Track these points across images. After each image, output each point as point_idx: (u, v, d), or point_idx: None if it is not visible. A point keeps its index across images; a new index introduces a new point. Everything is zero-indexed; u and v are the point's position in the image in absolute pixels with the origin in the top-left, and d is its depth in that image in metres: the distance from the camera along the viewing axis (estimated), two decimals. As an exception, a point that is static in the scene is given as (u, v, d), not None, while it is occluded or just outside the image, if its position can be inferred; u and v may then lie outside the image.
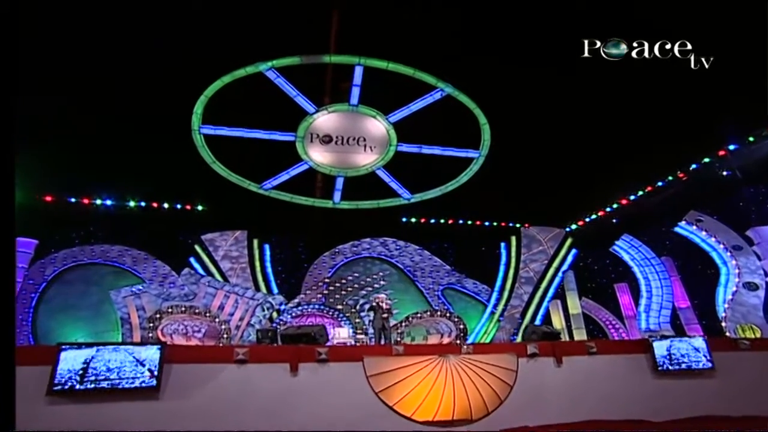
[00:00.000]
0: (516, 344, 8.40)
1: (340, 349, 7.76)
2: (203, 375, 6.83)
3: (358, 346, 8.14)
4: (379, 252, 22.95)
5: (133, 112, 14.94)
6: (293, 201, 18.71)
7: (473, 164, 18.22)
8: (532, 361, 7.96)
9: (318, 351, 7.35)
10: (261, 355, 7.26)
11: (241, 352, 7.09)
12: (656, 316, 17.47)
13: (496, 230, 23.42)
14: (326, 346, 7.64)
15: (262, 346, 7.76)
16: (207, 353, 7.17)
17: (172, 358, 6.80)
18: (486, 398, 7.44)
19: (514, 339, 21.90)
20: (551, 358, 7.99)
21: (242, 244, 21.43)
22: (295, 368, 7.18)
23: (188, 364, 6.88)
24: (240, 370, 7.03)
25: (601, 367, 8.03)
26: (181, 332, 17.64)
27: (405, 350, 7.67)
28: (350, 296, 20.98)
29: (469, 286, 23.32)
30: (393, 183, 18.86)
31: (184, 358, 6.91)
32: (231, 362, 7.07)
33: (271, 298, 18.87)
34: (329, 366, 7.35)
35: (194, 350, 7.34)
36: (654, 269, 17.69)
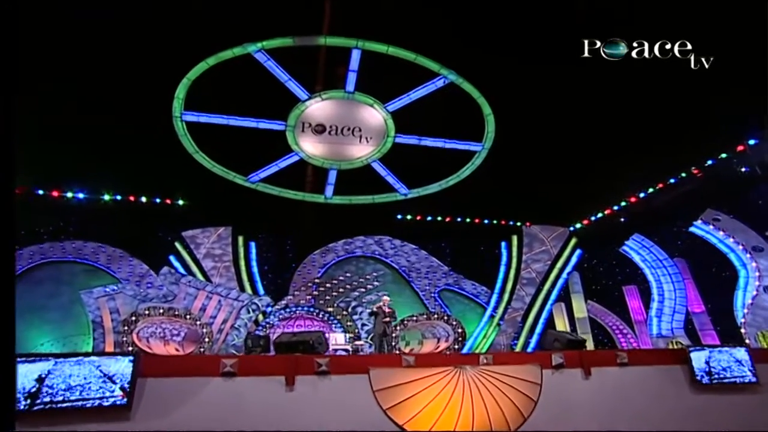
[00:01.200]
0: (539, 354, 7.76)
1: (342, 360, 7.04)
2: (184, 391, 6.08)
3: (362, 355, 7.43)
4: (373, 251, 22.37)
5: (108, 96, 14.07)
6: (282, 195, 18.25)
7: (475, 158, 17.72)
8: (558, 372, 7.38)
9: (317, 362, 6.63)
10: (252, 366, 6.53)
11: (229, 364, 6.33)
12: (669, 321, 17.13)
13: (496, 229, 23.06)
14: (326, 356, 6.92)
15: (253, 356, 7.02)
16: (188, 365, 6.39)
17: (147, 371, 6.00)
18: (508, 416, 6.83)
19: (514, 344, 21.52)
20: (578, 369, 7.39)
21: (226, 241, 20.76)
22: (291, 382, 6.50)
23: (166, 378, 6.12)
24: (227, 385, 6.32)
25: (634, 379, 7.45)
26: (158, 336, 16.89)
27: (416, 361, 6.96)
28: (341, 298, 20.39)
29: (468, 288, 22.91)
30: (389, 177, 18.34)
31: (162, 370, 6.12)
32: (216, 375, 6.34)
33: (257, 300, 18.34)
34: (330, 379, 6.66)
35: (173, 361, 6.55)
36: (666, 271, 17.30)
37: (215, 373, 6.33)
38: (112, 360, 5.71)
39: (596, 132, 16.15)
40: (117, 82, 13.51)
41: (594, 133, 16.24)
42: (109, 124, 15.02)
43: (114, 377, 5.47)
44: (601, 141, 16.34)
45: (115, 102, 14.17)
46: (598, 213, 20.93)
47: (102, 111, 14.59)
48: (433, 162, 17.56)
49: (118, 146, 15.77)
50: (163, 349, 16.86)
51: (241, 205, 19.23)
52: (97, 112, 14.67)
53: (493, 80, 14.94)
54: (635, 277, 19.89)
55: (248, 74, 14.42)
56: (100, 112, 14.65)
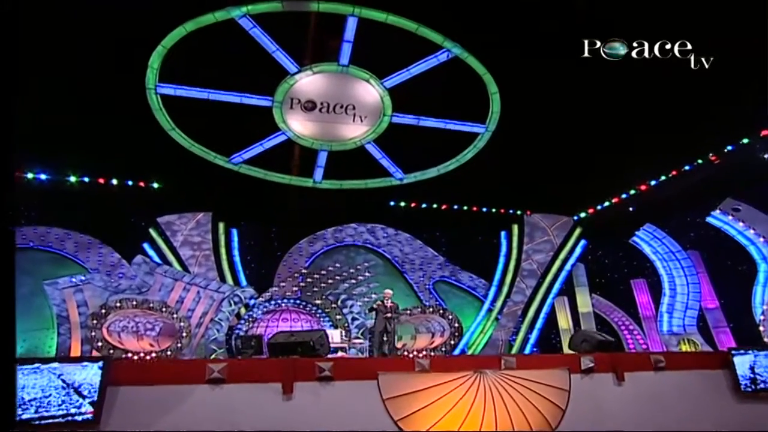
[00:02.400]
0: (567, 356, 7.31)
1: (348, 364, 6.48)
2: (163, 401, 5.42)
3: (370, 358, 6.87)
4: (365, 240, 21.91)
5: (75, 66, 13.13)
6: (267, 178, 17.85)
7: (477, 140, 17.20)
8: (588, 377, 6.95)
9: (319, 366, 6.07)
10: (243, 371, 5.94)
11: (216, 369, 5.71)
12: (680, 317, 16.94)
13: (495, 217, 22.64)
14: (329, 359, 6.34)
15: (244, 360, 6.39)
16: (168, 370, 5.75)
17: (120, 378, 5.32)
18: (534, 425, 6.35)
19: (513, 339, 21.39)
20: (610, 374, 6.93)
21: (205, 228, 20.16)
22: (289, 389, 5.95)
23: (142, 386, 5.46)
24: (215, 394, 5.71)
25: (671, 385, 7.03)
26: (131, 330, 16.32)
27: (431, 365, 6.42)
28: (330, 290, 19.92)
29: (465, 280, 22.64)
30: (384, 160, 17.78)
31: (137, 377, 5.46)
32: (202, 382, 5.72)
33: (239, 291, 18.06)
34: (334, 386, 6.14)
35: (150, 366, 5.89)
36: (679, 264, 17.06)
37: (200, 379, 5.71)
38: (77, 367, 4.97)
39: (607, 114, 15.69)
40: (83, 49, 12.56)
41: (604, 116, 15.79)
42: (74, 97, 14.11)
43: (80, 388, 4.74)
44: (611, 124, 15.92)
45: (80, 72, 13.24)
46: (605, 202, 20.61)
47: (66, 82, 13.65)
48: (432, 144, 17.04)
49: (85, 122, 14.86)
50: (136, 344, 16.32)
51: (222, 189, 18.75)
52: (61, 83, 13.74)
53: (501, 56, 14.34)
54: (643, 270, 19.71)
55: (231, 43, 13.64)
56: (64, 83, 13.72)
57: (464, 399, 6.31)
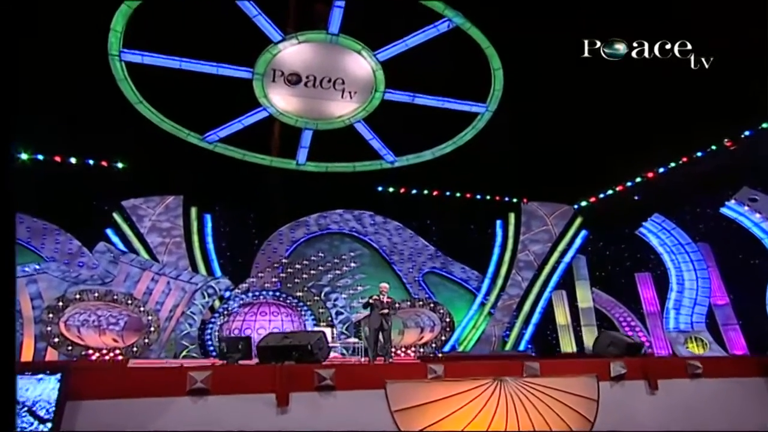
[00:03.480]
0: (594, 361, 6.92)
1: (352, 371, 5.98)
2: (135, 417, 4.85)
3: (376, 364, 6.39)
4: (351, 228, 21.67)
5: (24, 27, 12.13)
6: (245, 159, 17.58)
7: (477, 120, 16.95)
8: (618, 385, 6.56)
9: (318, 373, 5.60)
10: (231, 380, 5.41)
11: (200, 378, 5.15)
12: (688, 314, 16.87)
13: (490, 205, 22.47)
14: (330, 365, 5.83)
15: (232, 367, 5.82)
16: (142, 380, 5.17)
17: (82, 390, 4.72)
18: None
19: (506, 335, 21.20)
20: (642, 381, 6.59)
21: (175, 212, 19.54)
22: (284, 401, 5.47)
23: (109, 399, 4.87)
24: (198, 407, 5.17)
25: (710, 394, 6.70)
26: (92, 324, 15.70)
27: (446, 371, 5.99)
28: (313, 281, 19.49)
29: (456, 272, 22.43)
30: (375, 141, 17.47)
31: (103, 389, 4.87)
32: (182, 394, 5.16)
33: (213, 282, 17.41)
34: (336, 397, 5.67)
35: (120, 375, 5.28)
36: (688, 257, 16.93)
37: (180, 390, 5.16)
38: (30, 381, 4.27)
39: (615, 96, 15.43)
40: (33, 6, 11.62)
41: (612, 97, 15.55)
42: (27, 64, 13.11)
43: (35, 407, 4.09)
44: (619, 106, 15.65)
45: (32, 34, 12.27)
46: (608, 189, 20.46)
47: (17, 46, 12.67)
48: (428, 125, 16.74)
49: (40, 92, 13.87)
50: (98, 340, 15.59)
51: (195, 170, 18.31)
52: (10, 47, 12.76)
53: (506, 27, 13.93)
54: (647, 262, 19.59)
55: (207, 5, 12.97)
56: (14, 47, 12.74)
57: (483, 411, 5.89)
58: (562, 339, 20.71)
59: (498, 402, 6.01)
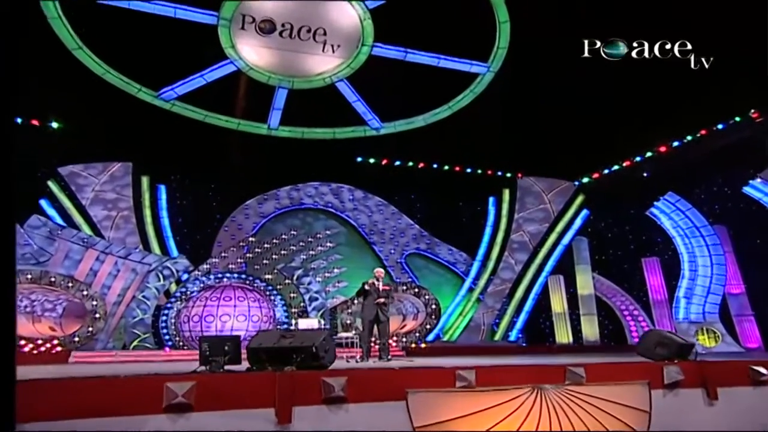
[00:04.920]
0: (644, 365, 6.55)
1: (367, 378, 5.44)
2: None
3: (393, 369, 5.85)
4: (327, 203, 21.42)
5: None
6: (207, 121, 17.28)
7: (476, 83, 16.66)
8: (671, 394, 6.20)
9: (327, 383, 5.06)
10: (218, 392, 4.80)
11: (180, 392, 4.52)
12: (700, 303, 17.00)
13: (482, 180, 22.30)
14: (340, 372, 5.27)
15: (218, 376, 5.18)
16: (106, 393, 4.48)
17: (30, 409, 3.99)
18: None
19: (496, 323, 21.26)
20: (699, 389, 6.25)
21: (123, 182, 18.91)
22: (286, 417, 4.92)
23: (66, 419, 4.17)
24: (178, 427, 4.52)
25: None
26: (23, 311, 15.37)
27: (477, 379, 5.51)
28: (283, 262, 19.05)
29: (443, 254, 22.39)
30: (359, 103, 17.12)
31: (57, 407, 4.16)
32: (158, 411, 4.51)
33: (169, 263, 17.20)
34: (347, 410, 5.14)
35: (79, 390, 4.56)
36: (703, 241, 16.97)
37: (155, 406, 4.47)
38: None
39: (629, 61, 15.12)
40: None
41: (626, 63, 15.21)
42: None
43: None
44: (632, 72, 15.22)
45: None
46: (614, 165, 20.37)
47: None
48: (421, 86, 16.42)
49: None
50: (31, 329, 15.19)
51: (147, 133, 17.75)
52: None
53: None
54: (653, 246, 19.70)
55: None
56: None
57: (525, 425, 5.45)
58: (558, 328, 20.80)
59: (540, 413, 5.59)
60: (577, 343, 20.22)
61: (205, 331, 16.41)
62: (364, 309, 9.94)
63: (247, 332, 16.60)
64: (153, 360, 14.45)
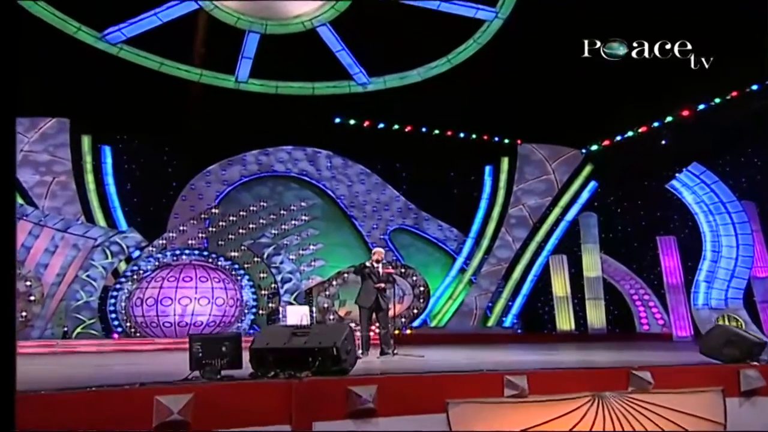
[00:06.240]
0: (718, 368, 6.31)
1: (398, 386, 5.05)
2: None
3: (428, 375, 5.48)
4: (301, 170, 21.19)
5: None
6: (162, 70, 17.17)
7: (481, 31, 16.57)
8: (748, 402, 6.00)
9: (354, 393, 4.68)
10: (221, 407, 4.37)
11: (176, 408, 4.06)
12: (723, 288, 17.15)
13: (478, 146, 22.24)
14: (367, 379, 4.86)
15: (217, 386, 4.73)
16: (85, 410, 4.03)
17: None
18: (679, 479, 5.40)
19: (489, 307, 21.36)
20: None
21: (58, 141, 18.34)
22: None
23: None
24: None
25: None
26: None
27: (529, 386, 5.17)
28: (251, 238, 19.10)
29: (432, 230, 22.52)
30: (344, 53, 16.97)
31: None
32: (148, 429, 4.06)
33: (118, 237, 17.16)
34: (378, 425, 4.77)
35: (51, 406, 4.12)
36: (729, 218, 17.09)
37: (144, 424, 4.02)
38: None
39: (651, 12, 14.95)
40: None
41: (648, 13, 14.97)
42: None
43: None
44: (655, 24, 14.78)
45: None
46: (627, 131, 20.32)
47: None
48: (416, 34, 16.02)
49: None
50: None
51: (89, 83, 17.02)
52: None
53: None
54: (668, 223, 19.80)
55: None
56: None
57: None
58: (559, 314, 20.93)
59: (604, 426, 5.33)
60: (580, 331, 20.39)
61: (161, 315, 16.21)
62: (361, 295, 9.58)
63: (210, 317, 16.58)
64: (102, 350, 14.19)
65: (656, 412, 5.59)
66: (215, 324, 16.64)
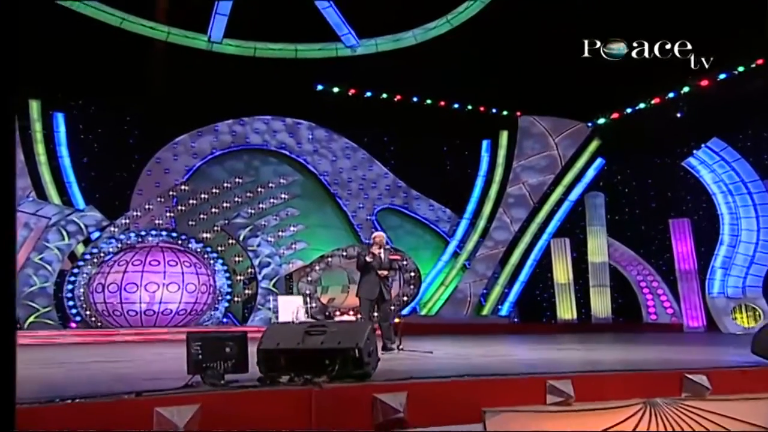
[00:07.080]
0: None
1: (430, 393, 4.85)
2: None
3: (460, 379, 5.27)
4: (280, 143, 21.03)
5: None
6: (124, 27, 17.07)
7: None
8: None
9: (382, 401, 4.41)
10: (231, 418, 4.10)
11: (182, 421, 3.78)
12: (740, 276, 17.21)
13: (474, 118, 22.07)
14: (400, 385, 4.63)
15: (223, 395, 4.47)
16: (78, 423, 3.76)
17: None
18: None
19: (484, 294, 21.48)
20: None
21: None
22: None
23: None
24: None
25: None
26: None
27: (576, 393, 4.99)
28: (224, 217, 19.08)
29: (423, 210, 22.63)
30: (331, 10, 16.73)
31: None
32: None
33: (75, 216, 17.32)
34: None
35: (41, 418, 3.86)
36: (750, 200, 17.08)
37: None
38: None
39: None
40: None
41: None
42: None
43: None
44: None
45: None
46: (639, 102, 20.20)
47: None
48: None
49: None
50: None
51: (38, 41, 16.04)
52: None
53: None
54: (680, 204, 19.82)
55: None
56: None
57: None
58: (561, 302, 20.99)
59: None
60: (582, 320, 20.46)
61: (125, 303, 16.06)
62: (362, 286, 9.49)
63: (180, 305, 16.49)
64: (57, 342, 14.01)
65: (712, 420, 5.47)
66: (186, 312, 16.51)
